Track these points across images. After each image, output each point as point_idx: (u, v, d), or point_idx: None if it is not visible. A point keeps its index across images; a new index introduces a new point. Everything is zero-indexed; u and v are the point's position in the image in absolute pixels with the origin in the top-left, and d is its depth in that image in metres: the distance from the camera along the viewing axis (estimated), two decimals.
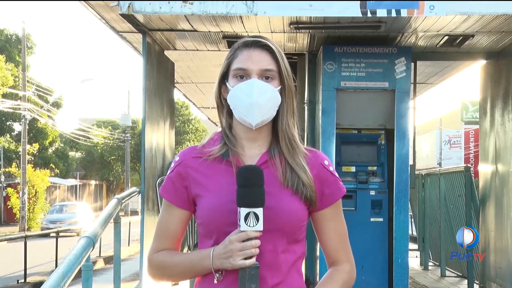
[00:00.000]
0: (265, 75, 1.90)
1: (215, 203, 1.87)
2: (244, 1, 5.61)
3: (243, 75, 1.90)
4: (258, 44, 1.92)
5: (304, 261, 1.98)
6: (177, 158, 1.98)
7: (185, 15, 5.99)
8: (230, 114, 1.96)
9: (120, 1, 5.64)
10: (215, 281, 1.85)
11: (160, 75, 7.28)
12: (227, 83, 1.94)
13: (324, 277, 1.96)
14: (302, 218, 1.90)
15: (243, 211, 1.77)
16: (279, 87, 1.91)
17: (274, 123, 1.94)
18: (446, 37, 6.99)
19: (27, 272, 13.04)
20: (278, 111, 1.92)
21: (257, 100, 1.86)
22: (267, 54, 1.92)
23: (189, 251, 6.23)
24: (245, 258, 1.78)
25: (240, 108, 1.89)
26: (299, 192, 1.88)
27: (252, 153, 1.93)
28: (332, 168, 1.97)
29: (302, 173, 1.89)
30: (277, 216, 1.84)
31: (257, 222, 1.77)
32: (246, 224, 1.77)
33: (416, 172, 10.48)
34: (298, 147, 1.93)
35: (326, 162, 1.96)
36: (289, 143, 1.92)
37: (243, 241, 1.78)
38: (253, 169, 1.82)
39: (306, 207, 1.91)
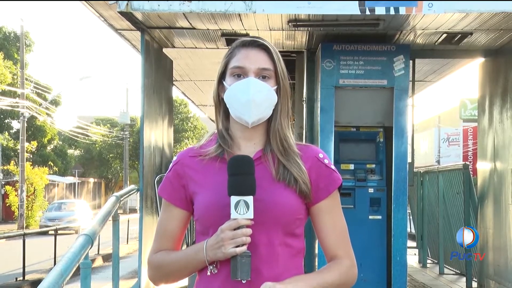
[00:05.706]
0: (262, 74, 1.91)
1: (210, 199, 1.87)
2: None
3: (240, 73, 1.91)
4: (256, 43, 1.93)
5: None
6: (175, 158, 1.99)
7: (183, 13, 5.99)
8: (226, 114, 1.96)
9: None
10: (208, 273, 1.85)
11: (159, 73, 7.28)
12: (224, 82, 1.94)
13: (321, 268, 1.94)
14: (296, 210, 1.89)
15: (234, 199, 1.78)
16: (275, 87, 1.92)
17: (270, 122, 1.94)
18: (445, 35, 6.99)
19: (26, 270, 13.01)
20: (273, 111, 1.93)
21: (253, 98, 1.87)
22: (264, 53, 1.93)
23: None
24: (237, 247, 1.78)
25: (237, 106, 1.89)
26: (292, 185, 1.88)
27: (247, 151, 1.93)
28: (327, 160, 1.96)
29: (294, 168, 1.88)
30: (269, 207, 1.84)
31: (247, 210, 1.78)
32: (237, 212, 1.78)
33: (415, 170, 10.49)
34: (291, 148, 1.92)
35: (320, 155, 1.95)
36: (280, 144, 1.91)
37: (234, 229, 1.78)
38: (242, 158, 1.83)
39: (301, 200, 1.90)
